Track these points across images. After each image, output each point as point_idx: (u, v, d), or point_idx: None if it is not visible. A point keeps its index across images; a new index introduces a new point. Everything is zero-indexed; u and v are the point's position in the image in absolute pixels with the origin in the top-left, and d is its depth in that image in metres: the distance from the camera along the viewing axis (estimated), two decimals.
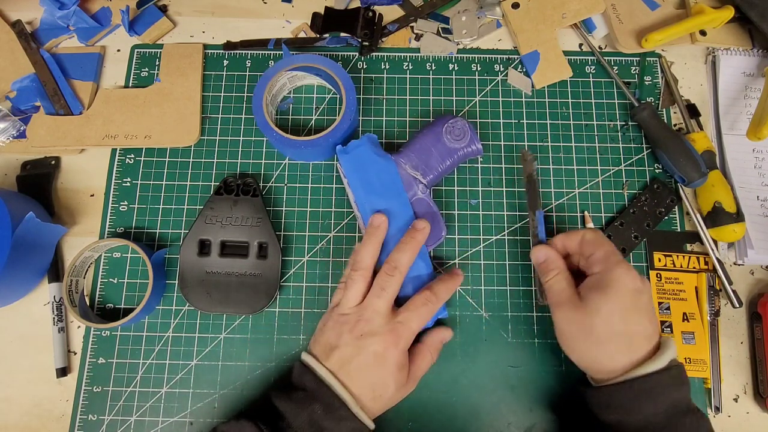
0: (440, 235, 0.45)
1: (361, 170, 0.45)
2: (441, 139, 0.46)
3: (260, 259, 0.46)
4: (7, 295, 0.45)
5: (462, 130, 0.46)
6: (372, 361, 0.38)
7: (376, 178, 0.45)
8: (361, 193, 0.45)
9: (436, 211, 0.45)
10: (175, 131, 0.51)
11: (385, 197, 0.44)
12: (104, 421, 0.44)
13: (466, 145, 0.46)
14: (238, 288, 0.45)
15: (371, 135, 0.47)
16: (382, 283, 0.40)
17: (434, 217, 0.45)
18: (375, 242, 0.42)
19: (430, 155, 0.46)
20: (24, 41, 0.52)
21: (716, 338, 0.46)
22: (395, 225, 0.44)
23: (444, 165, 0.46)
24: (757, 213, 0.49)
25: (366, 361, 0.38)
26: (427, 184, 0.46)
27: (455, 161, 0.46)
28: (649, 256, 0.48)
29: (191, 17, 0.56)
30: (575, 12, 0.53)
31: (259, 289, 0.45)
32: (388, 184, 0.45)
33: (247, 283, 0.45)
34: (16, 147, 0.51)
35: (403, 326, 0.39)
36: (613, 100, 0.53)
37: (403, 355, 0.39)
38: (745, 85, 0.53)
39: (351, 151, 0.46)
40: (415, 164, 0.46)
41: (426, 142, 0.46)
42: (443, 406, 0.45)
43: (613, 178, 0.50)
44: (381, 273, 0.41)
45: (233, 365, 0.46)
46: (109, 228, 0.49)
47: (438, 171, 0.46)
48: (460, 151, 0.46)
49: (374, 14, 0.54)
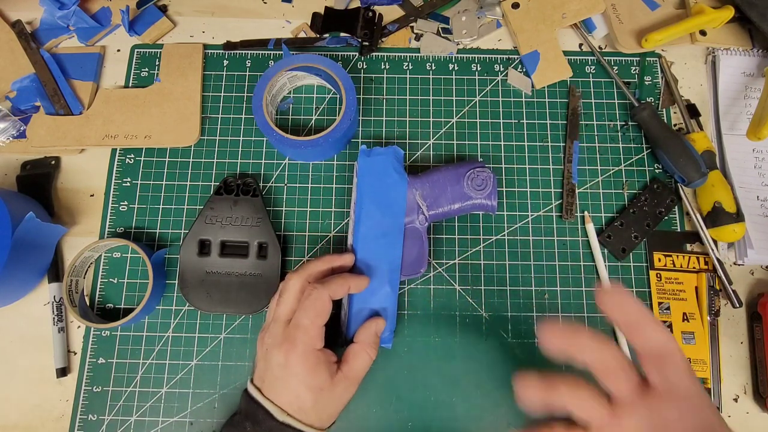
0: (418, 271, 0.44)
1: (373, 177, 0.45)
2: (461, 181, 0.45)
3: (260, 259, 0.46)
4: (7, 295, 0.45)
5: (485, 182, 0.45)
6: (279, 372, 0.36)
7: (383, 190, 0.44)
8: (363, 198, 0.45)
9: (425, 246, 0.44)
10: (175, 131, 0.51)
11: (384, 212, 0.44)
12: (104, 421, 0.44)
13: (483, 197, 0.45)
14: (238, 288, 0.45)
15: (398, 149, 0.46)
16: (284, 292, 0.39)
17: (421, 250, 0.44)
18: (324, 265, 0.41)
19: (443, 192, 0.45)
20: (24, 41, 0.52)
21: (716, 338, 0.46)
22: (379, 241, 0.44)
23: (452, 207, 0.45)
24: (757, 213, 0.49)
25: (275, 374, 0.37)
26: (428, 217, 0.45)
27: (465, 208, 0.45)
28: (649, 256, 0.48)
29: (191, 17, 0.56)
30: (575, 12, 0.53)
31: (259, 289, 0.45)
32: (392, 200, 0.44)
33: (247, 283, 0.45)
34: (16, 147, 0.51)
35: (296, 328, 0.37)
36: (613, 100, 0.53)
37: (310, 358, 0.36)
38: (745, 85, 0.53)
39: (372, 156, 0.45)
40: (426, 194, 0.45)
41: (444, 179, 0.45)
42: (443, 406, 0.45)
43: (613, 178, 0.50)
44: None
45: (233, 365, 0.46)
46: (109, 228, 0.49)
47: (444, 210, 0.45)
48: (474, 200, 0.45)
49: (374, 14, 0.54)
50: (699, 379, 0.45)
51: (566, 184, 0.50)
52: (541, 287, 0.47)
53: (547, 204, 0.50)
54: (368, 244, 0.44)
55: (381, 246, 0.44)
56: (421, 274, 0.46)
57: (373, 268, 0.43)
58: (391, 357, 0.46)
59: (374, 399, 0.45)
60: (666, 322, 0.46)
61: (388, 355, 0.46)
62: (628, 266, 0.48)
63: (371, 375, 0.45)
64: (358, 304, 0.43)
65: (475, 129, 0.52)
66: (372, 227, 0.44)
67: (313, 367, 0.37)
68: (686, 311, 0.47)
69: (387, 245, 0.44)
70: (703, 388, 0.31)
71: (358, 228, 0.44)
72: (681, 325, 0.46)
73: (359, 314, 0.42)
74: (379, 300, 0.43)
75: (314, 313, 0.37)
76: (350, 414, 0.44)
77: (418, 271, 0.44)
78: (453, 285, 0.48)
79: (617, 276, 0.48)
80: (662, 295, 0.47)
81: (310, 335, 0.37)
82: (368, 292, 0.43)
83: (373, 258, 0.43)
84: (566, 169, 0.50)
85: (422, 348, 0.46)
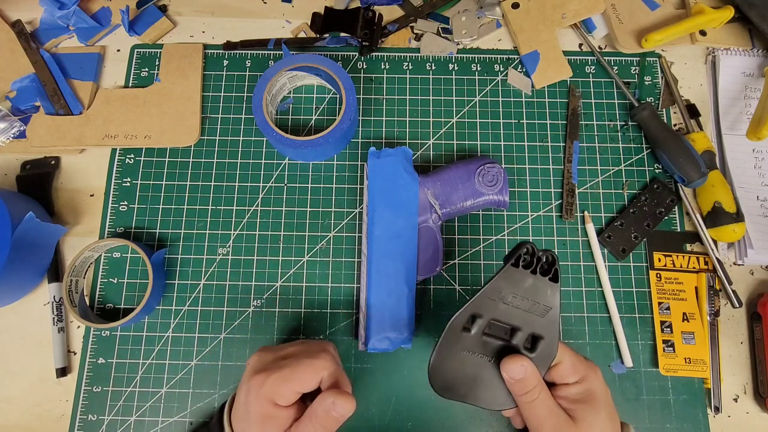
0: (434, 270, 0.45)
1: (384, 179, 0.45)
2: (471, 178, 0.45)
3: (526, 351, 0.35)
4: (7, 295, 0.45)
5: (495, 177, 0.45)
6: (242, 410, 0.35)
7: (395, 191, 0.45)
8: (375, 200, 0.45)
9: (440, 246, 0.45)
10: (175, 131, 0.51)
11: (397, 213, 0.44)
12: (104, 421, 0.44)
13: (494, 193, 0.45)
14: (485, 378, 0.35)
15: (407, 149, 0.46)
16: (321, 353, 0.36)
17: (436, 250, 0.45)
18: (315, 377, 0.35)
19: (455, 190, 0.45)
20: (24, 41, 0.52)
21: (716, 338, 0.46)
22: (394, 242, 0.44)
23: (464, 204, 0.45)
24: (757, 213, 0.49)
25: (239, 410, 0.35)
26: (441, 215, 0.45)
27: (477, 205, 0.46)
28: (649, 256, 0.48)
29: (191, 17, 0.56)
30: (575, 12, 0.53)
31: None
32: (404, 201, 0.45)
33: (497, 376, 0.35)
34: (16, 147, 0.51)
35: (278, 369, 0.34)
36: (613, 100, 0.53)
37: (267, 409, 0.33)
38: (745, 85, 0.53)
39: (381, 158, 0.46)
40: (438, 193, 0.45)
41: (455, 176, 0.45)
42: (443, 406, 0.45)
43: (613, 178, 0.50)
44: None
45: (233, 365, 0.46)
46: (108, 228, 0.49)
47: (456, 208, 0.45)
48: (486, 197, 0.45)
49: (374, 14, 0.54)
50: (699, 379, 0.45)
51: (566, 184, 0.50)
52: None
53: (547, 204, 0.50)
54: (383, 246, 0.44)
55: (396, 247, 0.44)
56: (437, 273, 0.46)
57: (390, 269, 0.43)
58: (391, 357, 0.46)
59: (374, 399, 0.45)
60: (666, 322, 0.46)
61: (388, 355, 0.46)
62: (628, 266, 0.48)
63: (371, 375, 0.45)
64: (376, 305, 0.43)
65: (475, 129, 0.52)
66: (386, 229, 0.44)
67: (262, 420, 0.33)
68: (686, 311, 0.47)
69: (402, 246, 0.44)
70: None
71: (372, 230, 0.44)
72: (681, 325, 0.46)
73: (378, 316, 0.43)
74: (398, 301, 0.43)
75: (303, 377, 0.34)
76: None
77: (434, 269, 0.45)
78: (453, 285, 0.48)
79: (617, 276, 0.48)
80: (662, 295, 0.47)
81: (281, 388, 0.33)
82: (386, 293, 0.43)
83: (389, 259, 0.44)
84: (566, 169, 0.50)
85: (422, 348, 0.46)
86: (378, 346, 0.43)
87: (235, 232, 0.49)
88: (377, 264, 0.44)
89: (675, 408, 0.45)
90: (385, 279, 0.43)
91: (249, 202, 0.49)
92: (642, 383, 0.45)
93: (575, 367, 0.35)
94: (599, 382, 0.36)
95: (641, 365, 0.46)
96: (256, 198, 0.50)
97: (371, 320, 0.43)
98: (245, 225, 0.49)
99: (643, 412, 0.45)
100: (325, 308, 0.47)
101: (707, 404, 0.45)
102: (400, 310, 0.43)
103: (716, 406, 0.45)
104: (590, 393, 0.35)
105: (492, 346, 0.35)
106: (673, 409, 0.45)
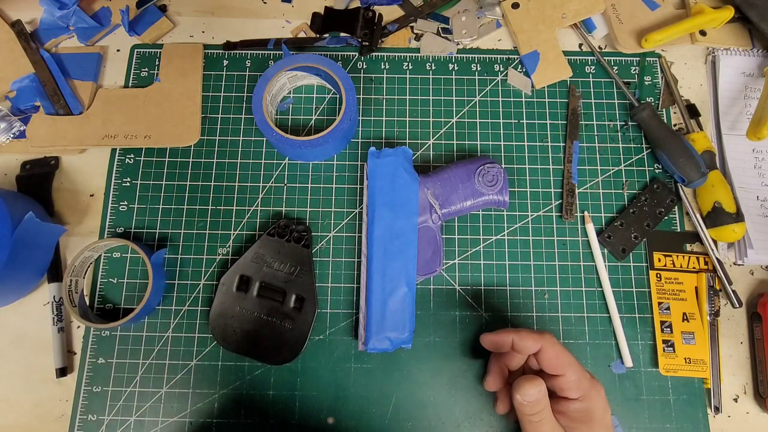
0: (434, 269, 0.45)
1: (384, 179, 0.45)
2: (471, 178, 0.45)
3: (294, 311, 0.45)
4: (7, 295, 0.45)
5: (495, 177, 0.45)
6: None
7: (395, 191, 0.45)
8: (375, 200, 0.45)
9: (440, 245, 0.45)
10: (175, 131, 0.51)
11: (396, 213, 0.44)
12: (104, 421, 0.44)
13: (494, 193, 0.45)
14: (266, 334, 0.44)
15: (407, 149, 0.46)
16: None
17: (436, 250, 0.45)
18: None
19: (455, 190, 0.45)
20: (24, 41, 0.52)
21: (716, 338, 0.46)
22: (394, 242, 0.44)
23: (464, 204, 0.45)
24: (757, 213, 0.49)
25: None
26: (441, 215, 0.45)
27: (477, 205, 0.46)
28: (649, 256, 0.48)
29: (191, 17, 0.56)
30: (575, 12, 0.53)
31: (285, 342, 0.44)
32: (404, 201, 0.45)
33: (276, 332, 0.44)
34: (15, 147, 0.51)
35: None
36: (613, 100, 0.53)
37: None
38: (745, 85, 0.53)
39: (381, 158, 0.46)
40: (438, 193, 0.45)
41: (455, 176, 0.46)
42: (443, 406, 0.45)
43: (613, 178, 0.50)
44: None
45: (233, 365, 0.46)
46: (108, 228, 0.49)
47: (456, 208, 0.45)
48: (486, 197, 0.45)
49: (374, 14, 0.54)
50: (699, 379, 0.45)
51: (566, 184, 0.50)
52: (541, 287, 0.48)
53: (547, 204, 0.50)
54: (383, 246, 0.44)
55: (396, 247, 0.44)
56: (437, 273, 0.46)
57: (390, 269, 0.44)
58: (391, 357, 0.46)
59: (374, 399, 0.45)
60: (666, 322, 0.46)
61: (388, 355, 0.46)
62: (628, 266, 0.48)
63: (371, 375, 0.45)
64: (377, 306, 0.43)
65: (475, 129, 0.52)
66: (386, 229, 0.44)
67: None
68: (686, 311, 0.47)
69: (402, 246, 0.44)
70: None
71: (372, 230, 0.44)
72: (681, 325, 0.46)
73: (378, 316, 0.43)
74: (398, 301, 0.43)
75: None
76: (350, 414, 0.44)
77: (433, 269, 0.45)
78: (453, 285, 0.48)
79: (617, 276, 0.48)
80: (662, 295, 0.47)
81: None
82: (386, 294, 0.43)
83: (389, 259, 0.44)
84: (566, 169, 0.50)
85: (422, 348, 0.46)
86: (378, 346, 0.43)
87: (235, 232, 0.49)
88: (377, 264, 0.44)
89: (675, 408, 0.45)
90: (385, 279, 0.43)
91: (249, 202, 0.49)
92: (642, 383, 0.45)
93: (579, 383, 0.36)
94: (601, 402, 0.36)
95: (641, 365, 0.46)
96: (256, 198, 0.50)
97: (371, 320, 0.43)
98: (245, 225, 0.49)
99: (643, 412, 0.45)
100: (325, 308, 0.47)
101: (707, 404, 0.45)
102: (400, 310, 0.43)
103: (716, 406, 0.45)
104: (589, 413, 0.36)
105: (267, 306, 0.44)
106: (673, 409, 0.45)
